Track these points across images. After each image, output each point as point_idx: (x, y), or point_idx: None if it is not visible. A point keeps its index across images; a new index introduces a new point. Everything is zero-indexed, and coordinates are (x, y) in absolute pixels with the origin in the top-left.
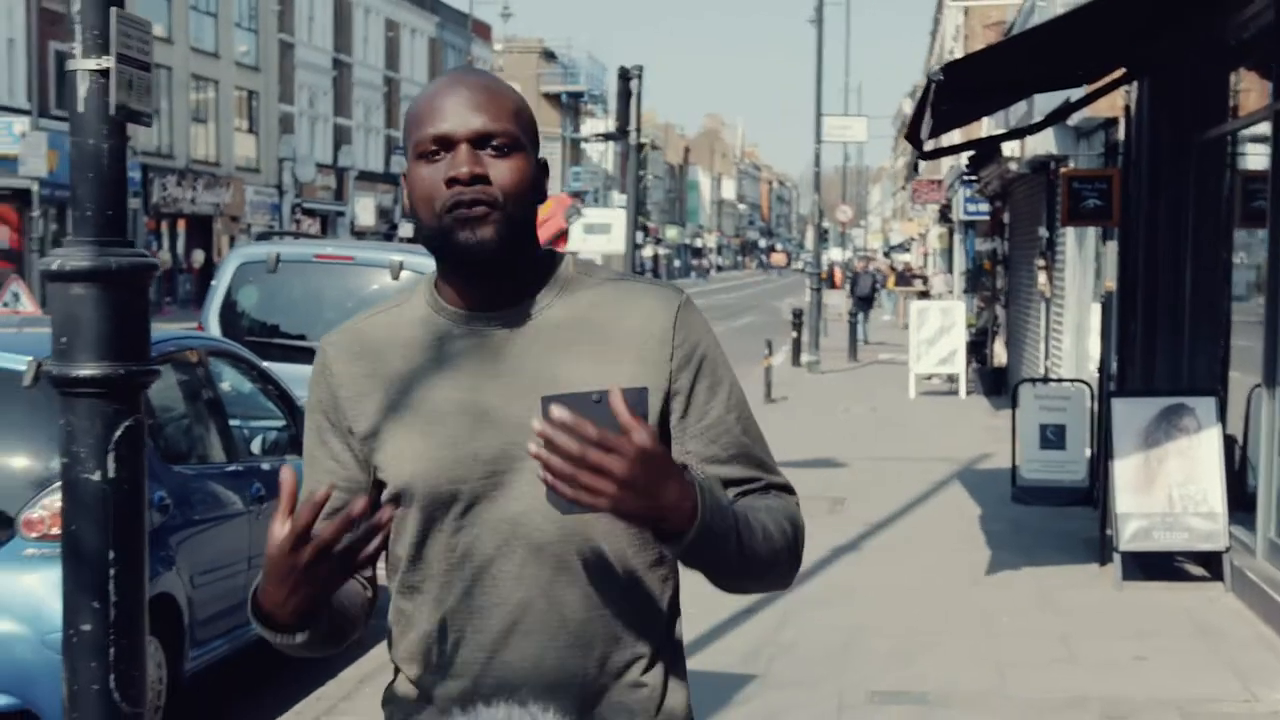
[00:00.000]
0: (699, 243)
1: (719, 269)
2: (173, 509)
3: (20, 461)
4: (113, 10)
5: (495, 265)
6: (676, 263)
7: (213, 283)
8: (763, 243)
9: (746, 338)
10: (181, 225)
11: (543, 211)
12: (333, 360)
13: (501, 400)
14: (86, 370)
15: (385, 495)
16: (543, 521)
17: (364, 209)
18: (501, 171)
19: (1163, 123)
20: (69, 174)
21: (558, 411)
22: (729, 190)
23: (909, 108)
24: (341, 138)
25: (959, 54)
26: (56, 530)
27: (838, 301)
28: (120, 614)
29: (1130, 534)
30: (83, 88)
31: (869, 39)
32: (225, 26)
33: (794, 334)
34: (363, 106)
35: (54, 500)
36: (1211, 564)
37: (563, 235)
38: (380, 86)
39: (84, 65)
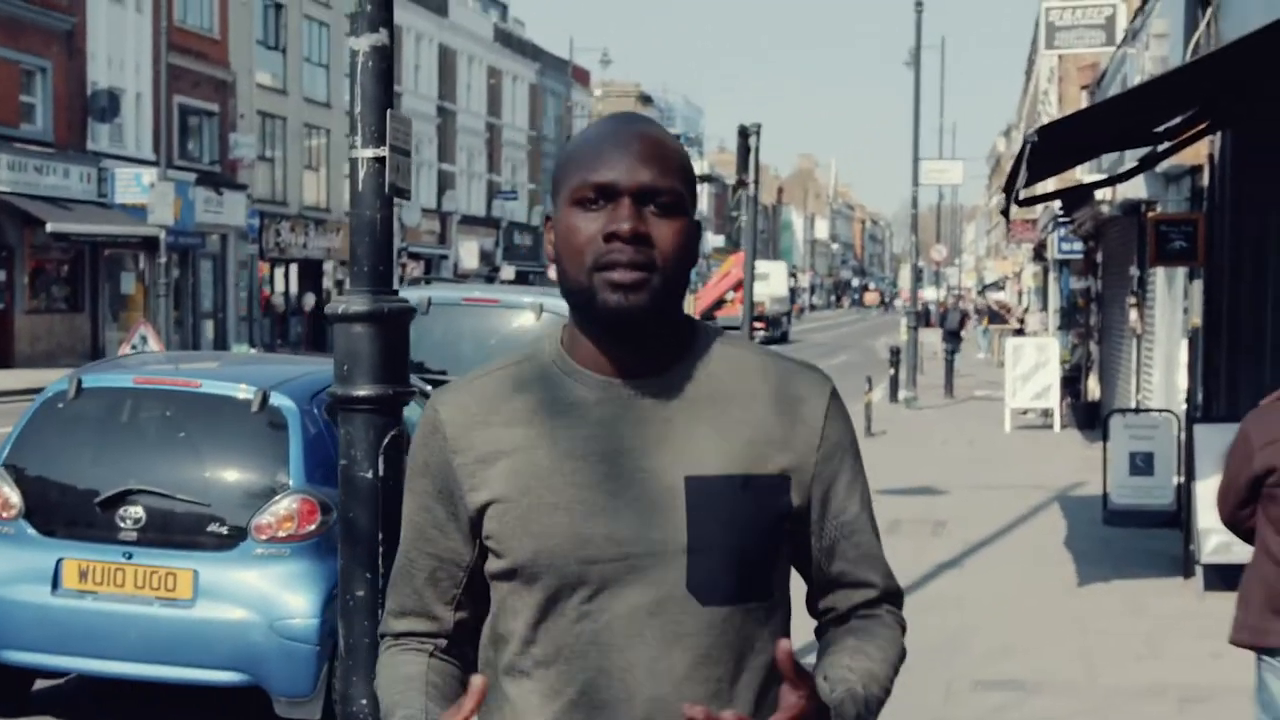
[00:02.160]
0: (793, 282)
1: (811, 308)
2: None
3: (248, 476)
4: (388, 111)
5: (642, 332)
6: None
7: None
8: (855, 282)
9: (843, 376)
10: (294, 269)
11: (725, 265)
12: (446, 422)
13: (641, 475)
14: (363, 391)
15: (498, 568)
16: (681, 611)
17: (467, 252)
18: (664, 233)
19: (1245, 170)
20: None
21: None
22: (822, 230)
23: (1003, 146)
24: (445, 183)
25: (1053, 95)
26: (283, 534)
27: (933, 339)
28: (387, 583)
29: (1211, 548)
30: (362, 171)
31: (963, 78)
32: (336, 77)
33: (891, 371)
34: (466, 152)
35: (278, 508)
36: None
37: (739, 285)
38: (483, 133)
39: (364, 154)
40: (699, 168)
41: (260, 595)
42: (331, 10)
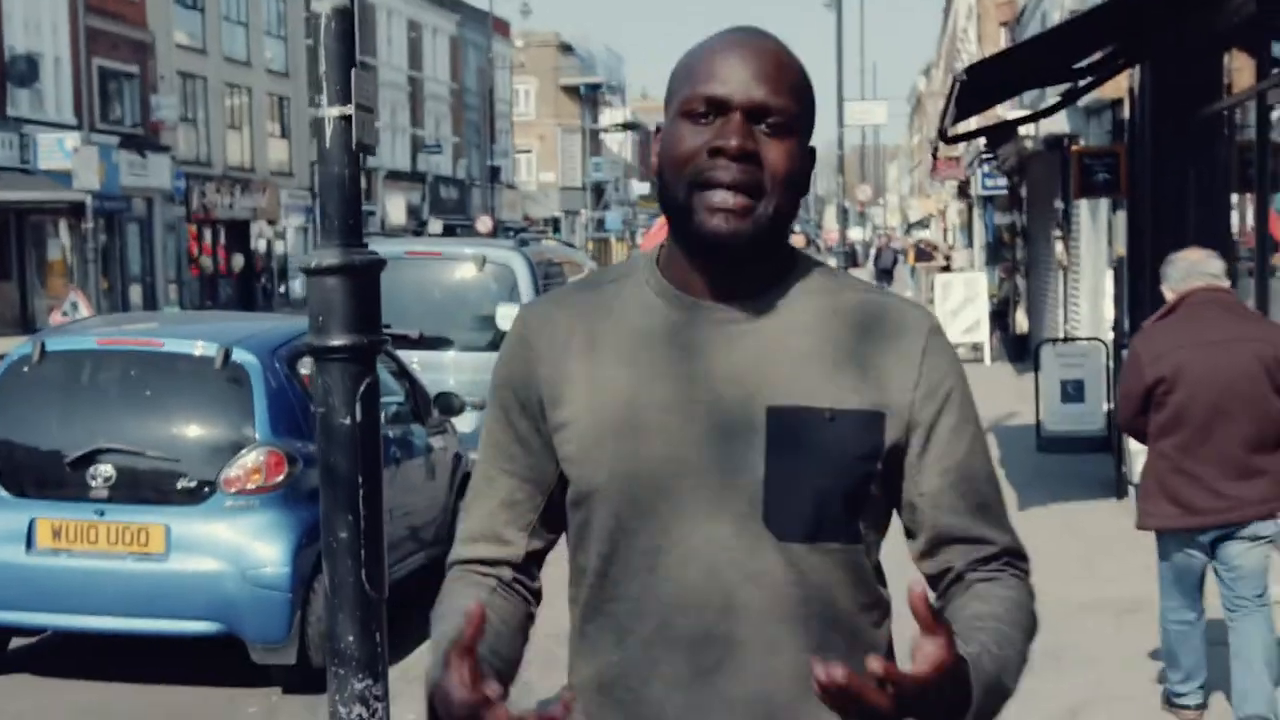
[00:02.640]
0: None
1: None
2: None
3: (215, 431)
4: (353, 70)
5: (742, 262)
6: None
7: None
8: None
9: None
10: (221, 230)
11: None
12: (534, 333)
13: (723, 402)
14: (338, 341)
15: (572, 493)
16: (757, 546)
17: (394, 207)
18: (774, 154)
19: (1163, 102)
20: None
21: (839, 675)
22: None
23: (923, 85)
24: None
25: (972, 33)
26: (251, 486)
27: (861, 278)
28: (367, 524)
29: (1142, 468)
30: (329, 129)
31: (881, 16)
32: (256, 35)
33: None
34: (389, 107)
35: (246, 461)
36: None
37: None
38: (404, 86)
39: (330, 112)
40: (621, 116)
41: (232, 546)
42: None
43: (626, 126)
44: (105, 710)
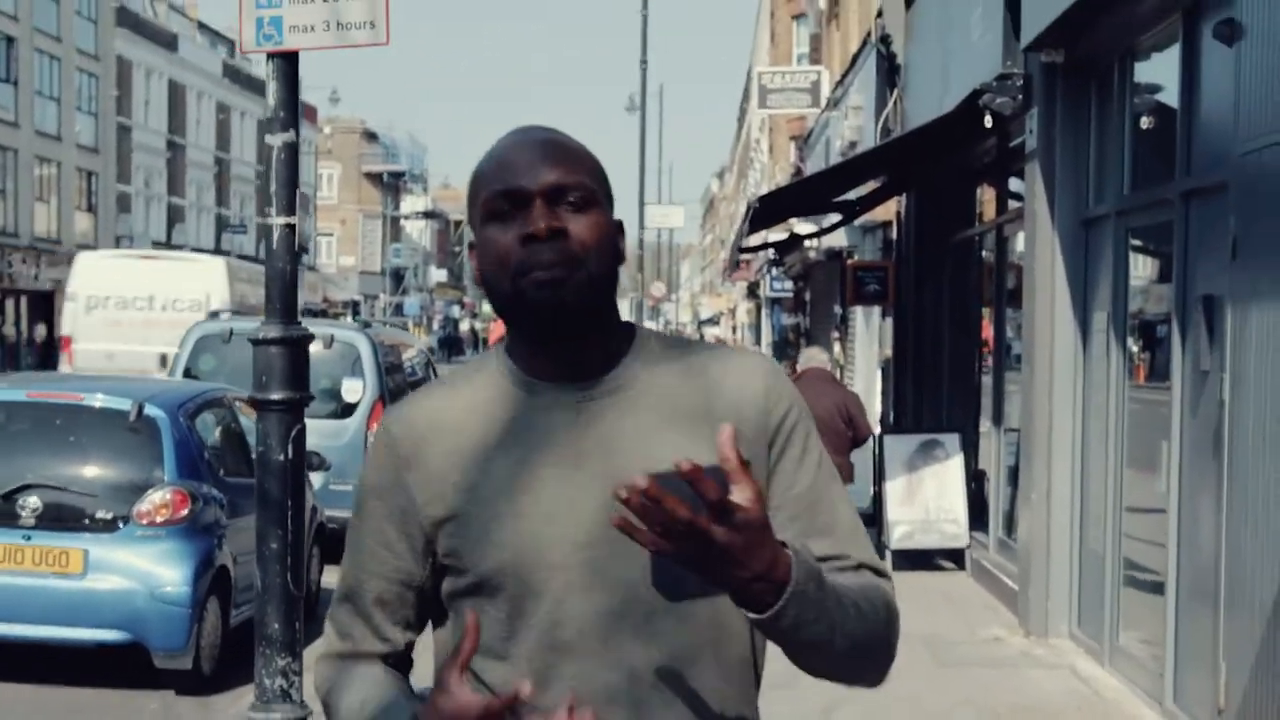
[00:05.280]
0: None
1: None
2: (226, 508)
3: (129, 473)
4: (298, 190)
5: (577, 330)
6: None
7: (176, 352)
8: None
9: None
10: (24, 300)
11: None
12: (399, 439)
13: (598, 477)
14: (276, 396)
15: (461, 585)
16: (650, 610)
17: None
18: (580, 226)
19: (924, 227)
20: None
21: (653, 485)
22: None
23: (716, 187)
24: (175, 216)
25: (765, 144)
26: (159, 519)
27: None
28: (293, 538)
29: (898, 536)
30: (276, 234)
31: (679, 120)
32: (67, 110)
33: None
34: (195, 186)
35: (155, 498)
36: (957, 558)
37: None
38: (211, 167)
39: (278, 221)
40: (422, 204)
41: (141, 569)
42: (62, 44)
43: (427, 215)
44: (10, 707)
